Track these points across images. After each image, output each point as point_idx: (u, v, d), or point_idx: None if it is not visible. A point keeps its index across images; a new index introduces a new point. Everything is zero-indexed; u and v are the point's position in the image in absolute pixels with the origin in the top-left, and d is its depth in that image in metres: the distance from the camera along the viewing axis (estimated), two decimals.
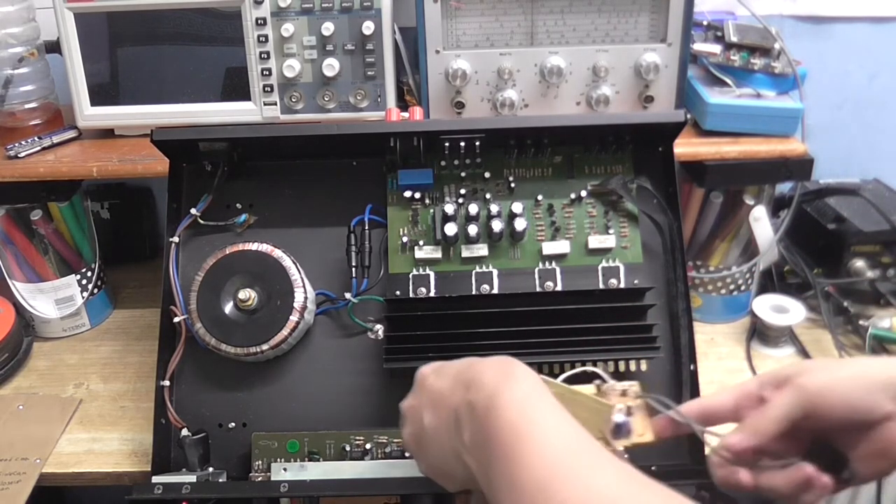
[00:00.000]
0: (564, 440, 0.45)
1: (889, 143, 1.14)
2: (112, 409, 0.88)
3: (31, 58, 0.94)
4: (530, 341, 0.70)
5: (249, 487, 0.71)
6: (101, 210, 1.15)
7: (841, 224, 0.97)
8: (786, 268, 1.00)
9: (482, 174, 0.78)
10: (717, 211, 0.93)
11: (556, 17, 0.84)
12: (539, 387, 0.49)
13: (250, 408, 0.77)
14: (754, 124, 0.87)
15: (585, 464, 0.43)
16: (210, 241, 0.79)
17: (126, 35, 0.91)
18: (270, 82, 0.91)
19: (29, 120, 0.96)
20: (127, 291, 1.11)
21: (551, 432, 0.45)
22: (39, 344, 1.00)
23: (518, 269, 0.76)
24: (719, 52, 0.89)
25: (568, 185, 0.78)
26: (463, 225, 0.76)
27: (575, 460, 0.43)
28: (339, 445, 0.73)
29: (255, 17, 0.88)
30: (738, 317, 0.99)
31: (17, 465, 0.80)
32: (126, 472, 0.79)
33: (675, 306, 0.75)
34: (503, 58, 0.86)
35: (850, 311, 0.94)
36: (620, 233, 0.77)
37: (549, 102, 0.88)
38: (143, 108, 0.93)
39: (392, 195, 0.78)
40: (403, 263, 0.77)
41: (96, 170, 0.89)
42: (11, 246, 0.96)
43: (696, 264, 0.96)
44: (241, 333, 0.74)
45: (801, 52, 0.89)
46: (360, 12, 0.88)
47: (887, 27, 1.08)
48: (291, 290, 0.74)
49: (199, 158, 0.79)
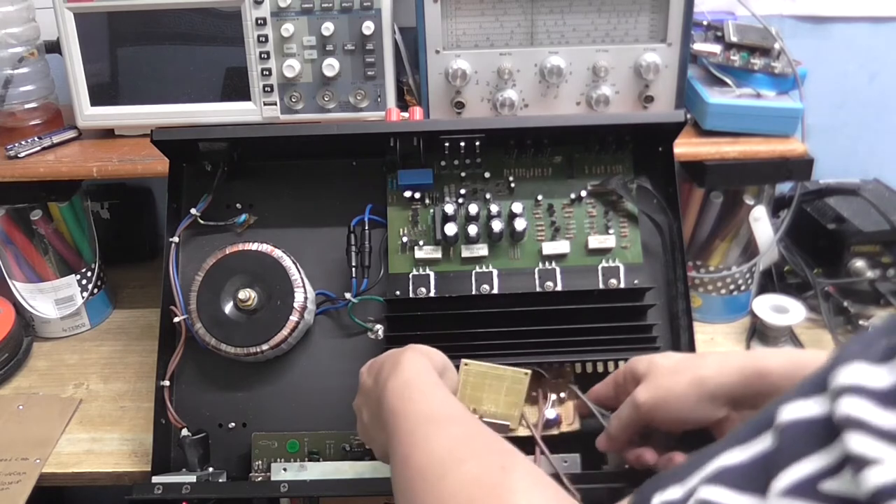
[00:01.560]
0: (427, 412, 0.50)
1: (889, 143, 1.14)
2: (112, 409, 0.88)
3: (31, 58, 0.94)
4: (530, 341, 0.70)
5: (249, 487, 0.71)
6: (101, 210, 1.15)
7: (841, 224, 0.97)
8: (786, 268, 1.00)
9: (482, 174, 0.78)
10: (717, 211, 0.93)
11: (556, 17, 0.84)
12: (420, 373, 0.55)
13: (250, 408, 0.77)
14: (754, 124, 0.87)
15: (433, 431, 0.48)
16: (210, 241, 0.79)
17: (126, 35, 0.91)
18: (270, 82, 0.91)
19: (29, 120, 0.96)
20: (127, 291, 1.11)
21: (420, 409, 0.51)
22: (39, 344, 1.00)
23: (518, 269, 0.76)
24: (719, 52, 0.89)
25: (568, 185, 0.78)
26: (463, 225, 0.76)
27: (429, 428, 0.48)
28: (339, 445, 0.73)
29: (255, 17, 0.88)
30: (738, 317, 0.99)
31: (17, 465, 0.80)
32: (126, 472, 0.79)
33: (675, 306, 0.75)
34: (503, 58, 0.86)
35: (850, 311, 0.94)
36: (620, 233, 0.77)
37: (549, 102, 0.88)
38: (143, 108, 0.93)
39: (392, 195, 0.78)
40: (403, 263, 0.77)
41: (96, 170, 0.89)
42: (11, 246, 0.96)
43: (696, 264, 0.96)
44: (241, 333, 0.74)
45: (801, 52, 0.89)
46: (360, 12, 0.88)
47: (887, 27, 1.08)
48: (291, 290, 0.74)
49: (199, 158, 0.79)
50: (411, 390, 0.53)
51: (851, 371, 0.28)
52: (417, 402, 0.52)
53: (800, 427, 0.29)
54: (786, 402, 0.30)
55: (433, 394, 0.53)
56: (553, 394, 0.70)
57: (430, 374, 0.56)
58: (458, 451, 0.45)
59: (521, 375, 0.66)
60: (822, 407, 0.28)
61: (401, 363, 0.56)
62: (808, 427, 0.28)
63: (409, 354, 0.58)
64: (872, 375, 0.27)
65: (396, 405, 0.52)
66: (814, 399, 0.29)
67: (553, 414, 0.69)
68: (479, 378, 0.66)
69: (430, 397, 0.53)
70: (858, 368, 0.27)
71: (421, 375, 0.55)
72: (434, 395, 0.53)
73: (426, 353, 0.60)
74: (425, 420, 0.49)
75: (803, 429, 0.28)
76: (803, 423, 0.29)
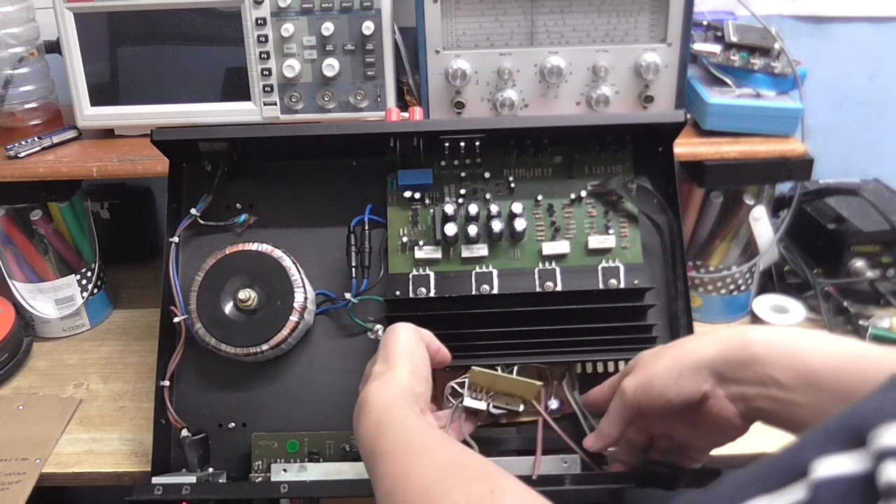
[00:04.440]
0: (405, 447, 0.49)
1: (889, 143, 1.14)
2: (112, 410, 0.88)
3: (31, 58, 0.94)
4: (530, 341, 0.70)
5: (249, 488, 0.71)
6: (101, 210, 1.15)
7: (841, 224, 0.97)
8: (786, 268, 1.00)
9: (482, 174, 0.78)
10: (717, 211, 0.93)
11: (556, 17, 0.84)
12: (389, 407, 0.54)
13: (250, 408, 0.76)
14: (754, 124, 0.87)
15: (414, 463, 0.47)
16: (210, 241, 0.79)
17: (126, 35, 0.91)
18: (270, 82, 0.91)
19: (29, 120, 0.96)
20: (127, 291, 1.11)
21: (396, 446, 0.50)
22: (39, 344, 1.00)
23: (518, 270, 0.76)
24: (719, 52, 0.89)
25: (568, 185, 0.78)
26: (463, 225, 0.76)
27: (409, 461, 0.47)
28: (339, 445, 0.73)
29: (255, 17, 0.88)
30: (738, 317, 0.99)
31: (17, 465, 0.80)
32: (126, 472, 0.79)
33: (675, 306, 0.75)
34: (503, 58, 0.86)
35: (850, 311, 0.94)
36: (620, 233, 0.77)
37: (548, 102, 0.88)
38: (143, 108, 0.93)
39: (392, 195, 0.78)
40: (403, 263, 0.77)
41: (96, 170, 0.89)
42: (11, 246, 0.96)
43: (696, 264, 0.96)
44: (241, 333, 0.74)
45: (801, 52, 0.89)
46: (360, 12, 0.88)
47: (887, 27, 1.08)
48: (291, 290, 0.74)
49: (199, 158, 0.79)
50: (384, 428, 0.52)
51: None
52: (391, 440, 0.50)
53: (837, 485, 0.27)
54: (817, 451, 0.28)
55: (406, 426, 0.51)
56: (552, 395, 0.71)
57: (399, 406, 0.54)
58: (443, 481, 0.44)
59: (532, 384, 0.65)
60: (860, 465, 0.27)
61: (367, 402, 0.55)
62: (846, 486, 0.27)
63: (374, 388, 0.56)
64: None
65: (372, 448, 0.51)
66: (850, 455, 0.28)
67: (556, 404, 0.71)
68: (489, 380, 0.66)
69: (404, 431, 0.51)
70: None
71: (389, 411, 0.53)
72: (407, 428, 0.51)
73: (392, 380, 0.57)
74: (404, 454, 0.48)
75: (841, 488, 0.27)
76: (841, 481, 0.27)
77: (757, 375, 0.51)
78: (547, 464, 0.66)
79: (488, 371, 0.66)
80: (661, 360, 0.57)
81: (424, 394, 0.59)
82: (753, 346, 0.52)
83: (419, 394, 0.58)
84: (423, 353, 0.62)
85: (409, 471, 0.46)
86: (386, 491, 0.46)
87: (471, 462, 0.46)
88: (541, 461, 0.66)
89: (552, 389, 0.71)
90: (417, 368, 0.60)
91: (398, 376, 0.58)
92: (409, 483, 0.45)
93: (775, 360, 0.50)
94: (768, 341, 0.52)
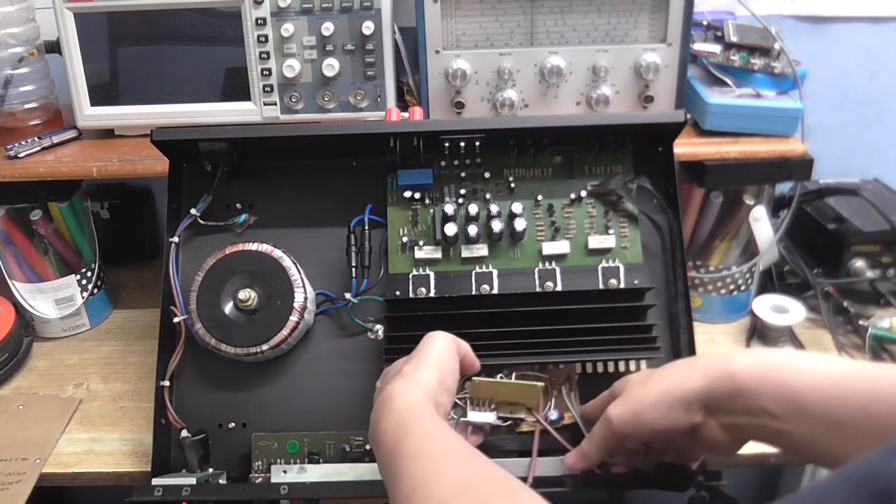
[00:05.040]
0: (426, 451, 0.49)
1: (889, 143, 1.14)
2: (112, 410, 0.88)
3: (31, 58, 0.94)
4: (530, 341, 0.70)
5: (249, 490, 0.71)
6: (101, 210, 1.15)
7: (841, 224, 0.97)
8: (786, 268, 1.00)
9: (482, 174, 0.78)
10: (717, 211, 0.93)
11: (556, 17, 0.84)
12: (413, 408, 0.54)
13: (250, 408, 0.76)
14: (754, 124, 0.87)
15: (434, 470, 0.47)
16: (210, 242, 0.79)
17: (126, 35, 0.91)
18: (270, 82, 0.91)
19: (29, 120, 0.96)
20: (127, 291, 1.11)
21: (418, 448, 0.50)
22: (39, 344, 1.00)
23: (518, 270, 0.76)
24: (719, 52, 0.89)
25: (568, 185, 0.78)
26: (463, 225, 0.76)
27: (430, 467, 0.47)
28: (339, 446, 0.73)
29: (255, 17, 0.88)
30: (738, 317, 0.99)
31: (17, 465, 0.80)
32: (126, 472, 0.79)
33: (675, 306, 0.75)
34: (503, 58, 0.86)
35: (850, 311, 0.94)
36: (620, 233, 0.77)
37: (548, 102, 0.88)
38: (143, 108, 0.93)
39: (392, 195, 0.78)
40: (403, 263, 0.77)
41: (96, 170, 0.89)
42: (11, 246, 0.96)
43: (696, 264, 0.96)
44: (241, 333, 0.74)
45: (801, 52, 0.89)
46: (359, 12, 0.88)
47: (887, 27, 1.08)
48: (291, 290, 0.74)
49: (199, 158, 0.79)
50: (407, 429, 0.51)
51: None
52: (414, 442, 0.50)
53: None
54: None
55: (429, 430, 0.51)
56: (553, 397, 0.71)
57: (424, 408, 0.54)
58: (463, 495, 0.43)
59: (534, 387, 0.66)
60: None
61: (392, 399, 0.54)
62: None
63: (400, 386, 0.56)
64: None
65: (392, 447, 0.50)
66: None
67: (555, 414, 0.70)
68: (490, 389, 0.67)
69: (427, 434, 0.51)
70: None
71: (414, 411, 0.53)
72: (430, 432, 0.51)
73: (419, 381, 0.57)
74: (425, 459, 0.48)
75: None
76: None
77: (747, 407, 0.52)
78: (548, 465, 0.66)
79: (489, 380, 0.66)
80: (648, 391, 0.57)
81: (445, 404, 0.58)
82: (738, 378, 0.52)
83: (440, 403, 0.57)
84: (455, 367, 0.61)
85: (428, 478, 0.46)
86: (405, 494, 0.46)
87: (491, 475, 0.46)
88: (536, 463, 0.66)
89: (552, 400, 0.71)
90: (445, 378, 0.59)
91: (425, 378, 0.57)
92: (429, 491, 0.44)
93: (762, 391, 0.51)
94: (753, 372, 0.52)
